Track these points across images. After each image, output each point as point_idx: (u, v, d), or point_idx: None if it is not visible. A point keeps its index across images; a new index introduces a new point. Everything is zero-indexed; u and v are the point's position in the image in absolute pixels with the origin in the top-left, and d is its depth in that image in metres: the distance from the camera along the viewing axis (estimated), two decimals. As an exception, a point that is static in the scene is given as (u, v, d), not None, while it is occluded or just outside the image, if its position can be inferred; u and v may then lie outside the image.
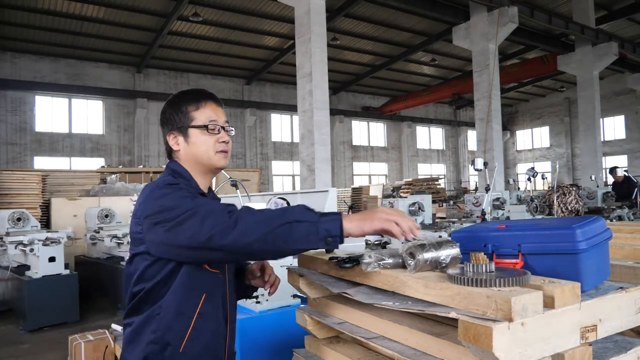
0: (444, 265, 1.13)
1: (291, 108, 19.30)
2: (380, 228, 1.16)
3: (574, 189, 5.37)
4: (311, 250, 1.37)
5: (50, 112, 16.79)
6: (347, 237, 1.17)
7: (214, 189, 1.66)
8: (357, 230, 1.16)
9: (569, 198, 5.10)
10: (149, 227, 1.25)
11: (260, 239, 1.13)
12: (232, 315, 1.45)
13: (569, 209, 5.06)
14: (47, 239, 5.59)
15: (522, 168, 27.52)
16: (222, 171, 3.76)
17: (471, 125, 23.14)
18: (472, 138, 26.52)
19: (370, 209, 1.21)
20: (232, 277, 1.48)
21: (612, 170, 8.28)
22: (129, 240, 1.39)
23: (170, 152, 1.47)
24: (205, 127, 1.41)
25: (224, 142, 1.44)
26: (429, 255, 1.11)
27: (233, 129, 1.50)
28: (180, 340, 1.28)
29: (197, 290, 1.31)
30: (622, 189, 7.83)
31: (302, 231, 1.14)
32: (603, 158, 15.61)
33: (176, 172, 1.43)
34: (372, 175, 24.55)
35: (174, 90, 18.46)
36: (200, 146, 1.42)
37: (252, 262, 1.58)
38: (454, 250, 1.14)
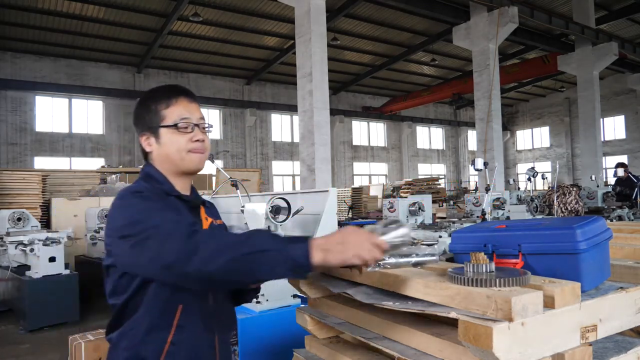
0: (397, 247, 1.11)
1: (291, 108, 19.30)
2: (349, 264, 1.07)
3: (575, 189, 5.37)
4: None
5: (51, 112, 16.79)
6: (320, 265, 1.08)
7: (213, 189, 1.62)
8: (326, 261, 1.06)
9: (569, 198, 5.11)
10: (114, 240, 1.20)
11: (223, 269, 1.06)
12: (222, 323, 1.35)
13: (569, 209, 5.06)
14: (47, 239, 5.59)
15: (522, 168, 27.52)
16: (222, 171, 3.72)
17: (471, 125, 23.13)
18: (472, 138, 26.52)
19: (344, 235, 1.08)
20: None
21: (621, 165, 8.27)
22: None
23: (145, 154, 1.39)
24: (175, 126, 1.32)
25: (197, 140, 1.34)
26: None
27: (210, 125, 1.41)
28: (158, 355, 1.21)
29: (172, 303, 1.23)
30: (626, 185, 7.85)
31: (267, 262, 1.06)
32: (603, 158, 15.61)
33: (149, 175, 1.35)
34: (372, 175, 24.55)
35: (174, 90, 18.53)
36: (171, 146, 1.32)
37: None
38: (403, 230, 1.09)
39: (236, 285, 1.20)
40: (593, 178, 9.27)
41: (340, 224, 10.92)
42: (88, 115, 17.50)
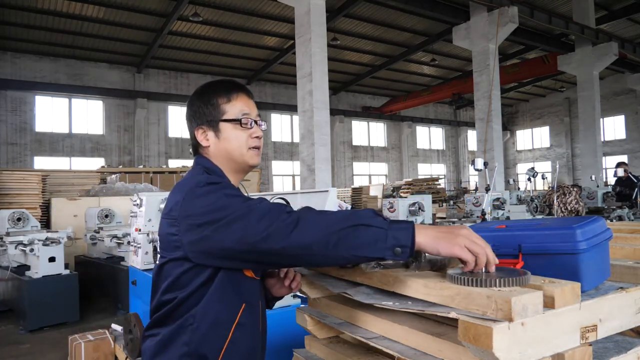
0: (445, 265, 1.13)
1: (291, 108, 19.32)
2: (456, 255, 1.02)
3: (575, 189, 5.37)
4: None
5: (50, 112, 16.80)
6: (419, 250, 1.05)
7: None
8: (431, 246, 1.03)
9: (569, 198, 5.11)
10: (190, 228, 1.13)
11: (322, 240, 1.02)
12: (264, 325, 1.36)
13: (569, 209, 5.06)
14: (47, 239, 5.59)
15: (522, 168, 27.53)
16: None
17: (471, 125, 23.15)
18: (472, 138, 26.53)
19: (453, 228, 1.06)
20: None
21: (622, 164, 8.27)
22: (159, 244, 1.28)
23: (196, 147, 1.36)
24: (238, 121, 1.31)
25: (257, 137, 1.34)
26: (430, 255, 1.11)
27: (264, 123, 1.41)
28: (217, 352, 1.18)
29: (237, 299, 1.22)
30: (626, 185, 7.85)
31: (369, 236, 1.02)
32: (603, 158, 15.62)
33: (209, 169, 1.31)
34: (372, 175, 24.55)
35: (174, 90, 18.53)
36: (232, 142, 1.31)
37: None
38: None
39: (332, 262, 1.09)
40: (593, 178, 9.28)
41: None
42: (88, 115, 17.50)
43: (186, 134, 19.15)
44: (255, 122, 1.35)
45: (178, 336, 1.19)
